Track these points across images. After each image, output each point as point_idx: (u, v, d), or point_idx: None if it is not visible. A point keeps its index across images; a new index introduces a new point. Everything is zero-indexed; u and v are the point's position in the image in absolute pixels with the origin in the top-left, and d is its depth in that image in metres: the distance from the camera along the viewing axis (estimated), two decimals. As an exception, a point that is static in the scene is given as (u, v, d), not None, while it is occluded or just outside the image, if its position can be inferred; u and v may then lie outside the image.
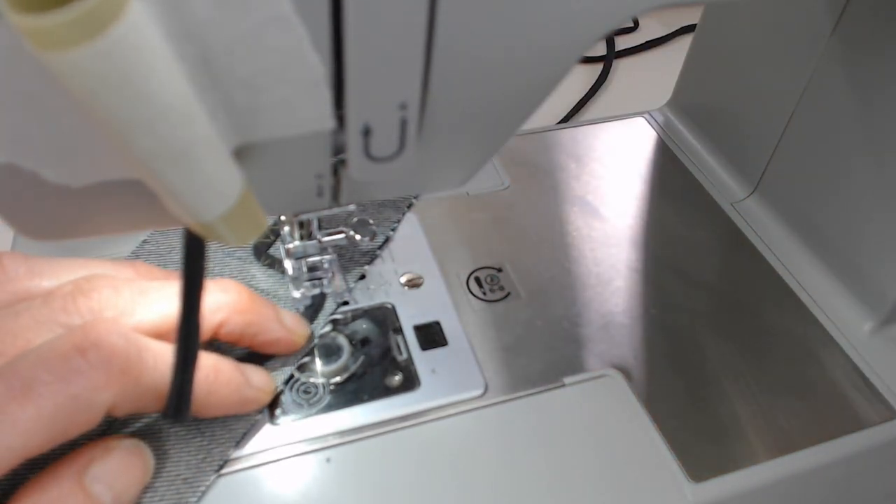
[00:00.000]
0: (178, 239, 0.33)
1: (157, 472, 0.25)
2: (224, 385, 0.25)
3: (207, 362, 0.25)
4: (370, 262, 0.34)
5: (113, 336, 0.22)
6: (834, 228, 0.36)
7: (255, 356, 0.29)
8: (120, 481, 0.23)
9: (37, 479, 0.22)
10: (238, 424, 0.27)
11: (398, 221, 0.37)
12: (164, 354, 0.23)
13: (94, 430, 0.25)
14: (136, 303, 0.25)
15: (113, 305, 0.24)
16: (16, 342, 0.22)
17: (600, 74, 0.62)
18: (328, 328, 0.31)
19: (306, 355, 0.30)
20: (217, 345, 0.29)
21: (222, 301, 0.27)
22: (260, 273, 0.33)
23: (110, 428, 0.26)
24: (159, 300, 0.25)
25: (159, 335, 0.24)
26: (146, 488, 0.24)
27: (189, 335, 0.22)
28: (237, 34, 0.13)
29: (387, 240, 0.36)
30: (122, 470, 0.23)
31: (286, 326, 0.29)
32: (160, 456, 0.25)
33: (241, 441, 0.27)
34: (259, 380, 0.27)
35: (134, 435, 0.25)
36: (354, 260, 0.34)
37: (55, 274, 0.26)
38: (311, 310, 0.31)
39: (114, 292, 0.24)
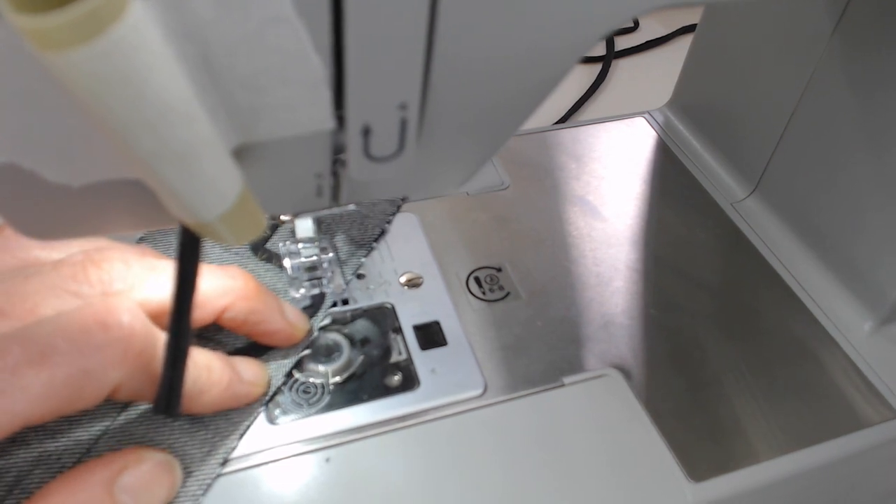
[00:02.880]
0: (174, 236, 0.33)
1: None
2: (215, 384, 0.26)
3: (199, 361, 0.25)
4: (367, 255, 0.34)
5: (134, 318, 0.22)
6: (834, 228, 0.36)
7: (253, 349, 0.29)
8: (147, 495, 0.23)
9: (64, 480, 0.22)
10: (241, 417, 0.27)
11: (393, 214, 0.37)
12: None
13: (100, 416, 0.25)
14: (145, 278, 0.25)
15: (122, 278, 0.24)
16: (24, 305, 0.22)
17: (599, 74, 0.62)
18: (328, 321, 0.31)
19: (306, 348, 0.30)
20: (217, 338, 0.29)
21: (228, 286, 0.27)
22: (257, 268, 0.33)
23: (114, 423, 0.26)
24: (168, 278, 0.25)
25: (166, 313, 0.25)
26: None
27: (180, 334, 0.22)
28: (238, 35, 0.13)
29: (382, 232, 0.36)
30: (150, 484, 0.23)
31: (288, 319, 0.29)
32: (164, 448, 0.25)
33: (244, 433, 0.27)
34: (251, 374, 0.27)
35: (138, 427, 0.26)
36: (351, 253, 0.34)
37: (65, 248, 0.26)
38: (311, 310, 0.31)
39: (124, 265, 0.25)
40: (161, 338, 0.23)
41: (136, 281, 0.25)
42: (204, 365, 0.25)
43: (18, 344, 0.20)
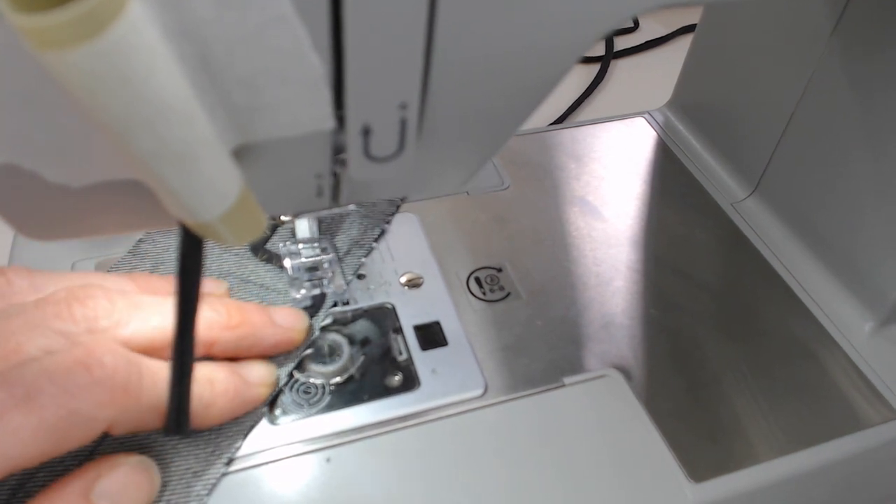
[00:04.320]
0: (174, 238, 0.33)
1: (167, 465, 0.25)
2: (221, 395, 0.25)
3: (200, 376, 0.25)
4: (367, 255, 0.34)
5: (117, 356, 0.22)
6: (834, 228, 0.36)
7: None
8: (125, 498, 0.23)
9: (42, 495, 0.22)
10: (245, 417, 0.27)
11: (392, 214, 0.37)
12: (161, 373, 0.23)
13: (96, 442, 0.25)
14: (130, 315, 0.25)
15: (108, 315, 0.24)
16: (6, 345, 0.22)
17: (597, 74, 0.62)
18: (329, 321, 0.31)
19: (307, 348, 0.30)
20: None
21: (212, 320, 0.26)
22: (258, 268, 0.33)
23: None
24: (154, 314, 0.25)
25: (152, 349, 0.24)
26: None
27: (184, 351, 0.22)
28: (237, 34, 0.13)
29: (382, 232, 0.36)
30: (127, 487, 0.23)
31: (282, 327, 0.28)
32: (169, 449, 0.25)
33: (248, 433, 0.27)
34: (257, 375, 0.27)
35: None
36: (351, 253, 0.34)
37: (54, 286, 0.26)
38: (312, 310, 0.31)
39: (108, 302, 0.24)
40: (149, 368, 0.23)
41: (122, 317, 0.24)
42: (206, 378, 0.25)
43: (2, 387, 0.20)
